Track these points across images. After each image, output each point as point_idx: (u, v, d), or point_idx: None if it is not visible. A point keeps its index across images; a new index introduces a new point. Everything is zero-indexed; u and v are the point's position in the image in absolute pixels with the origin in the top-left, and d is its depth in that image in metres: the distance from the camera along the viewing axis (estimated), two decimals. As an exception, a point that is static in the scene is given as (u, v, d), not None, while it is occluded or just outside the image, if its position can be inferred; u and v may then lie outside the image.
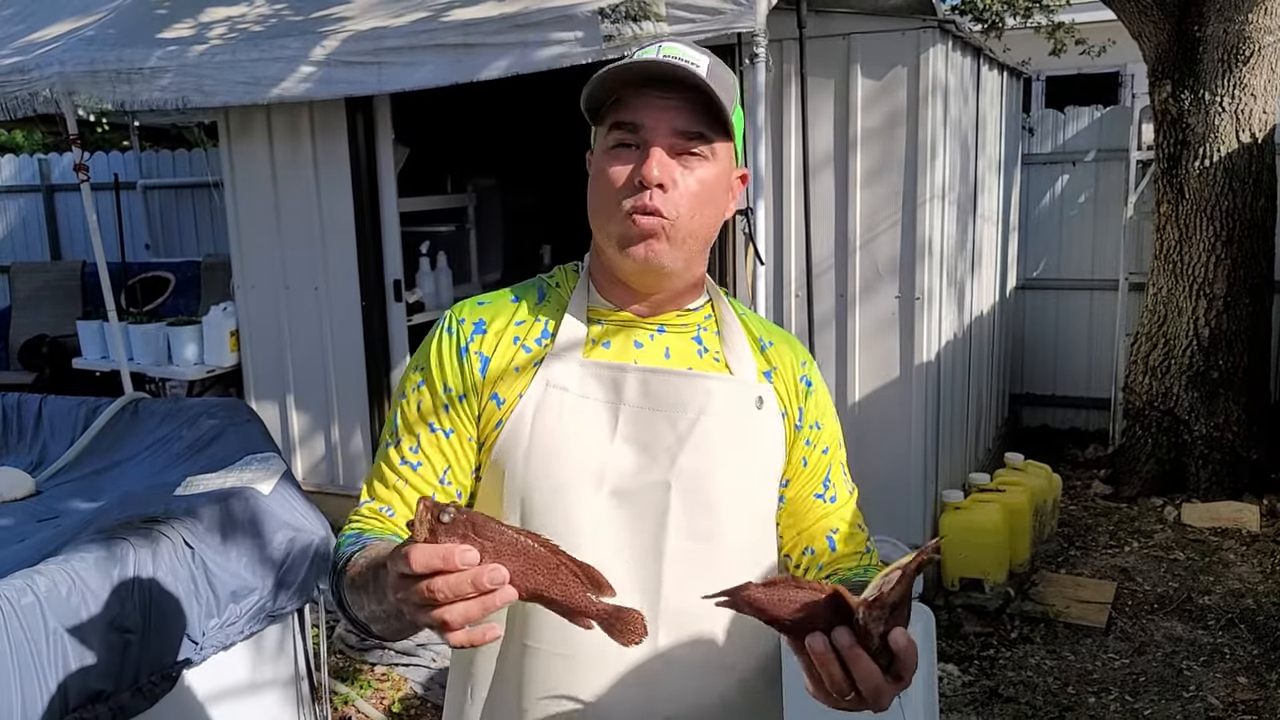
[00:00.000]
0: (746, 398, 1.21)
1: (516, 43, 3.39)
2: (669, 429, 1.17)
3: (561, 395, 1.17)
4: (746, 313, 1.31)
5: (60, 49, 4.09)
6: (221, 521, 2.38)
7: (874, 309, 3.95)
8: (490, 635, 0.85)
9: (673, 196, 1.12)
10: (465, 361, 1.19)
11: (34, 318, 6.65)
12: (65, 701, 1.95)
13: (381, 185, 4.58)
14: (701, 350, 1.23)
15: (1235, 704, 3.31)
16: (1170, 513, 4.94)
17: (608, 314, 1.22)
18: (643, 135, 1.11)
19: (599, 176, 1.15)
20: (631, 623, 0.93)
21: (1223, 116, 4.85)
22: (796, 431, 1.26)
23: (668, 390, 1.18)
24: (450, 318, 1.23)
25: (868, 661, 0.91)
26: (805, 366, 1.30)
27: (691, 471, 1.17)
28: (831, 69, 3.84)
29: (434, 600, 0.81)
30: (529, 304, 1.23)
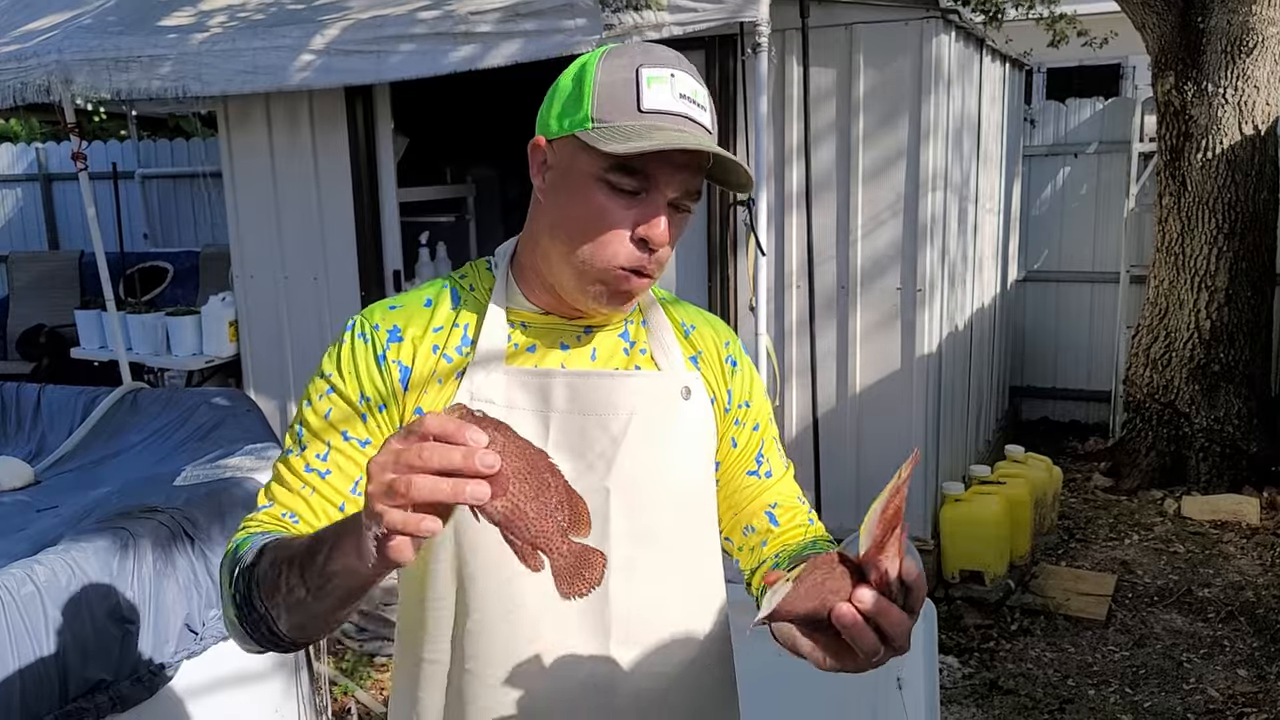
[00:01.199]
0: (673, 390, 1.18)
1: (517, 31, 3.37)
2: (602, 433, 1.13)
3: (487, 408, 1.10)
4: (666, 296, 1.28)
5: (58, 37, 4.07)
6: (221, 511, 2.37)
7: (875, 300, 3.94)
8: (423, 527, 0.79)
9: (662, 254, 1.09)
10: (384, 370, 1.13)
11: (32, 307, 6.64)
12: (65, 691, 1.95)
13: (381, 175, 4.57)
14: (628, 346, 1.20)
15: (1235, 696, 3.31)
16: (1170, 505, 4.93)
17: (531, 316, 1.17)
18: (651, 188, 1.07)
19: (588, 210, 1.07)
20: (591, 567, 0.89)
21: (1225, 108, 4.83)
22: (725, 414, 1.24)
23: (598, 394, 1.14)
24: (361, 323, 1.16)
25: (897, 611, 0.89)
26: (729, 346, 1.28)
27: (629, 474, 1.14)
28: (834, 59, 3.82)
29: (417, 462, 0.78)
30: (443, 308, 1.17)
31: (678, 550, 1.19)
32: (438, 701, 1.17)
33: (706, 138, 1.07)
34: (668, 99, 1.05)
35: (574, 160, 1.08)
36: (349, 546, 0.86)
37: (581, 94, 1.07)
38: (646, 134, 1.03)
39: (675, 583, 1.19)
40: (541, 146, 1.12)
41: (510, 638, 1.13)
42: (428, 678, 1.18)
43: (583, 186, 1.07)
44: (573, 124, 1.07)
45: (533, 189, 1.16)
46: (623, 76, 1.06)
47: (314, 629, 0.99)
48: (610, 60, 1.08)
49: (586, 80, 1.07)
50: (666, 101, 1.05)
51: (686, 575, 1.21)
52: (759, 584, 1.22)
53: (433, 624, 1.16)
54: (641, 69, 1.06)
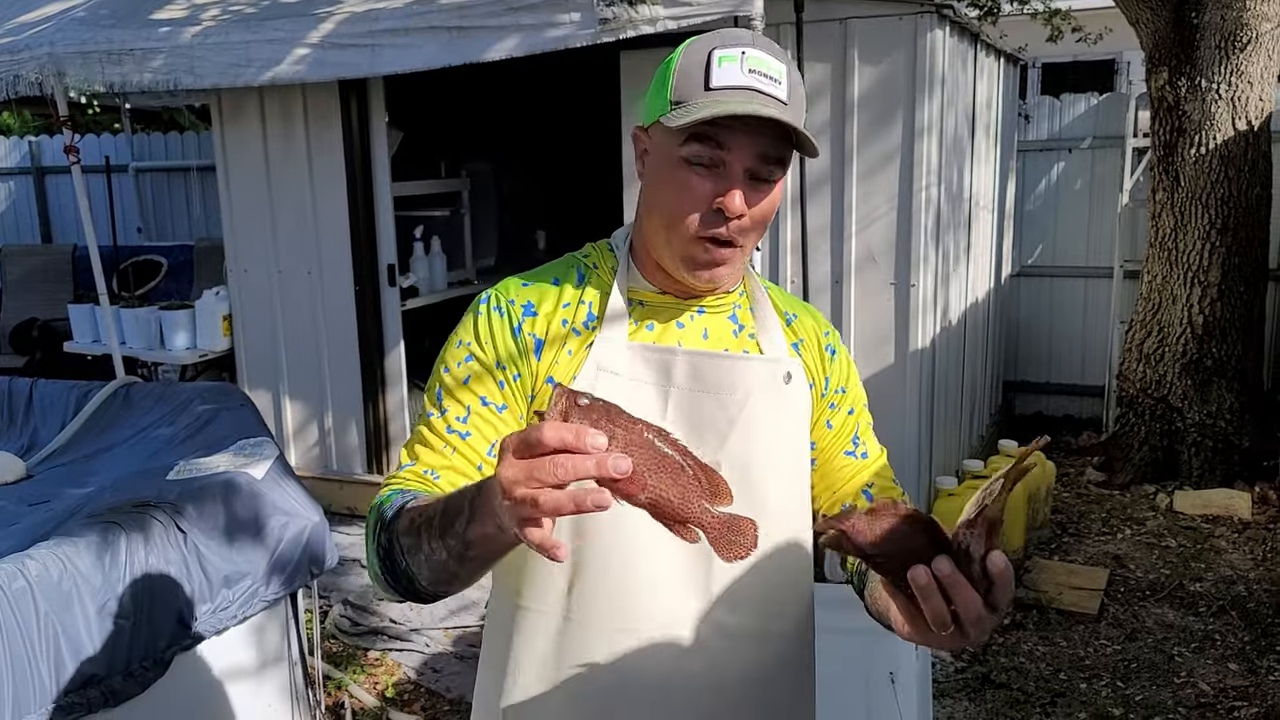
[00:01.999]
0: (778, 375, 1.24)
1: (512, 25, 3.36)
2: (719, 410, 1.20)
3: (613, 379, 1.19)
4: (770, 286, 1.34)
5: (51, 29, 4.06)
6: (214, 506, 2.37)
7: (869, 295, 3.94)
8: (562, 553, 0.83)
9: (744, 223, 1.14)
10: (519, 341, 1.20)
11: (25, 301, 6.62)
12: (57, 686, 1.95)
13: (375, 169, 4.56)
14: (737, 329, 1.26)
15: (1226, 690, 3.33)
16: (1163, 500, 4.95)
17: (649, 295, 1.24)
18: (725, 159, 1.11)
19: (672, 185, 1.14)
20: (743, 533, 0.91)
21: (1219, 104, 4.84)
22: (821, 398, 1.30)
23: (717, 373, 1.20)
24: (497, 297, 1.23)
25: (969, 589, 0.90)
26: (829, 336, 1.34)
27: (739, 451, 1.20)
28: (829, 54, 3.82)
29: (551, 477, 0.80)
30: (570, 285, 1.24)
31: (778, 527, 1.24)
32: (541, 646, 1.22)
33: (773, 105, 1.10)
34: (735, 75, 1.10)
35: (661, 144, 1.16)
36: (488, 521, 0.90)
37: (665, 82, 1.15)
38: (706, 108, 1.08)
39: (772, 556, 1.24)
40: (640, 135, 1.20)
41: (620, 593, 1.19)
42: (528, 624, 1.23)
43: (667, 165, 1.14)
44: (658, 110, 1.14)
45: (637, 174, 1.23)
46: (697, 60, 1.12)
47: (456, 586, 1.04)
48: (691, 46, 1.15)
49: (670, 68, 1.15)
50: (733, 77, 1.10)
51: (783, 550, 1.26)
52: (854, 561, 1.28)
53: (543, 579, 1.21)
54: (714, 51, 1.12)
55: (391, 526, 1.06)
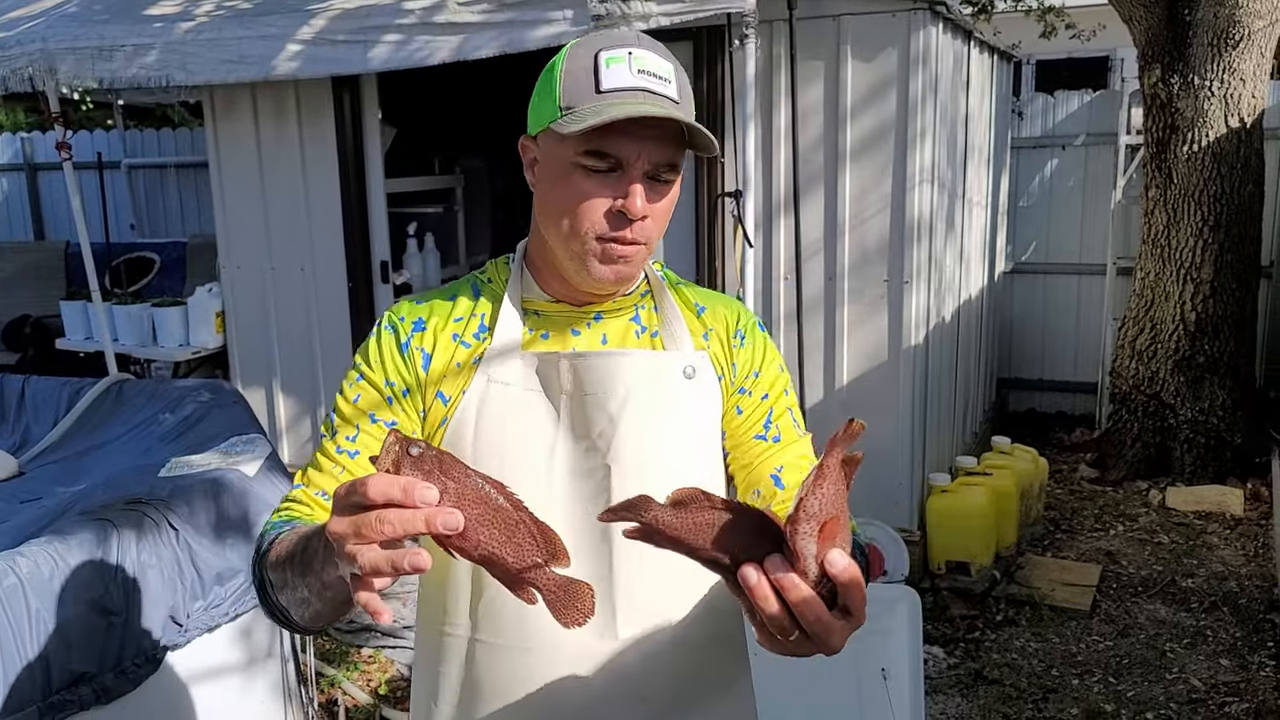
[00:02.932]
0: (675, 370, 1.22)
1: (505, 22, 3.36)
2: (600, 412, 1.18)
3: (504, 390, 1.18)
4: (681, 281, 1.33)
5: (43, 25, 4.04)
6: (206, 503, 2.36)
7: (862, 292, 3.94)
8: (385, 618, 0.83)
9: (647, 224, 1.13)
10: (407, 357, 1.20)
11: (17, 298, 6.60)
12: (48, 683, 1.94)
13: (368, 166, 4.55)
14: (639, 330, 1.25)
15: (1217, 685, 3.34)
16: (1155, 496, 4.96)
17: (544, 305, 1.23)
18: (623, 162, 1.10)
19: (569, 192, 1.12)
20: (580, 598, 0.87)
21: (1212, 101, 4.85)
22: (730, 387, 1.28)
23: (596, 373, 1.18)
24: (389, 317, 1.24)
25: (806, 590, 0.80)
26: (740, 322, 1.30)
27: (629, 452, 1.18)
28: (821, 51, 3.82)
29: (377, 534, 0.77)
30: (465, 300, 1.24)
31: None
32: (456, 671, 1.23)
33: (667, 105, 1.09)
34: (624, 76, 1.09)
35: (552, 150, 1.14)
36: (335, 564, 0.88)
37: (552, 88, 1.12)
38: (600, 111, 1.07)
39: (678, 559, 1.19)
40: (528, 144, 1.19)
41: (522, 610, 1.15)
42: (446, 649, 1.23)
43: (562, 173, 1.13)
44: (547, 118, 1.12)
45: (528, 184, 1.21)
46: (584, 63, 1.10)
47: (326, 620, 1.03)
48: (575, 50, 1.13)
49: (555, 73, 1.13)
50: (623, 79, 1.09)
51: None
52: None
53: (452, 600, 1.21)
54: (600, 53, 1.10)
55: (262, 561, 1.06)
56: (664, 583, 1.20)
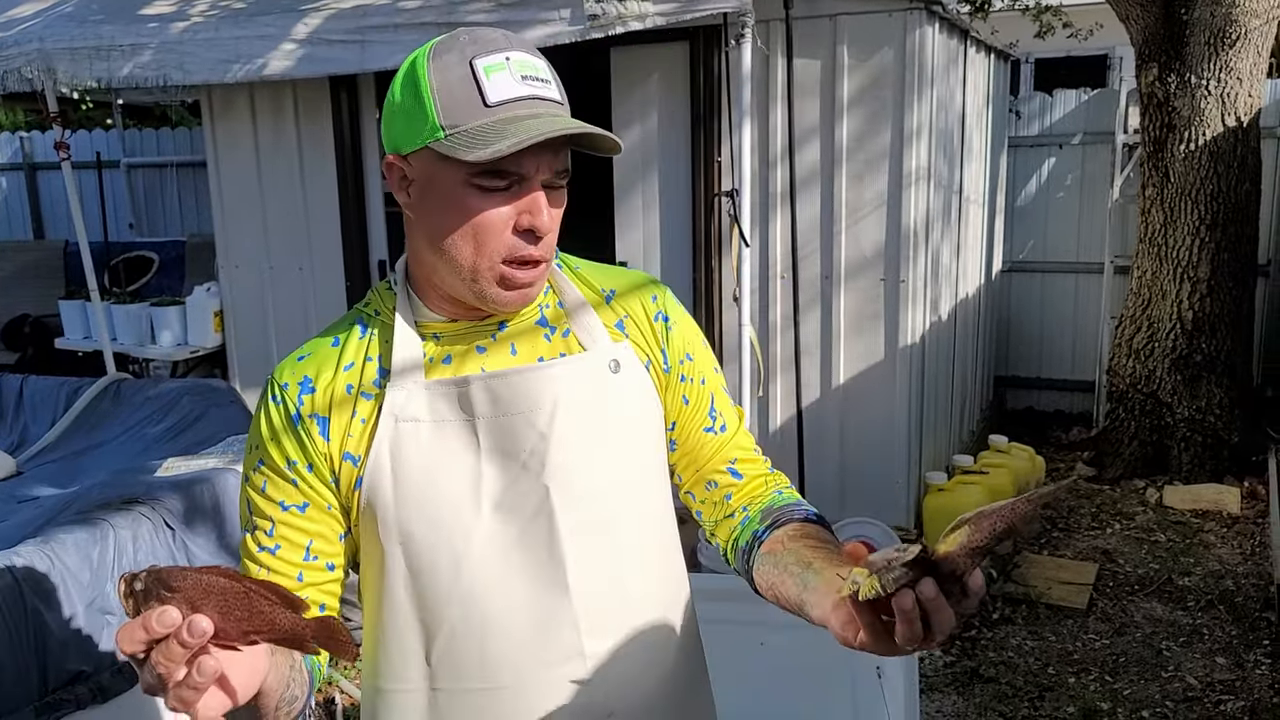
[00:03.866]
0: (599, 368, 1.15)
1: (501, 21, 3.37)
2: (529, 430, 1.10)
3: (415, 427, 1.09)
4: (582, 265, 1.24)
5: (40, 25, 4.05)
6: (202, 503, 2.37)
7: (859, 291, 3.95)
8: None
9: (548, 238, 1.07)
10: (301, 429, 1.10)
11: (16, 297, 6.61)
12: (45, 682, 1.95)
13: (366, 165, 4.56)
14: (549, 332, 1.16)
15: (1213, 684, 3.35)
16: (1152, 495, 4.97)
17: (441, 326, 1.13)
18: (524, 176, 1.03)
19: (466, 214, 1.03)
20: (339, 631, 0.91)
21: (1208, 100, 4.85)
22: (667, 374, 1.21)
23: (517, 391, 1.11)
24: (272, 385, 1.13)
25: (949, 611, 0.88)
26: (657, 301, 1.23)
27: (565, 466, 1.11)
28: (818, 50, 3.83)
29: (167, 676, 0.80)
30: (353, 343, 1.14)
31: (630, 535, 1.17)
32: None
33: (561, 113, 1.04)
34: (511, 85, 1.01)
35: (436, 172, 1.04)
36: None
37: (421, 103, 1.02)
38: (502, 130, 0.99)
39: (632, 563, 1.18)
40: (396, 164, 1.08)
41: (481, 650, 1.12)
42: (402, 707, 1.16)
43: (452, 195, 1.04)
44: (423, 136, 1.02)
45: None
46: (458, 74, 1.01)
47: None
48: (438, 60, 1.03)
49: (421, 87, 1.02)
50: (511, 88, 1.01)
51: (643, 552, 1.20)
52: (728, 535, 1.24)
53: (397, 653, 1.15)
54: (475, 61, 1.02)
55: None
56: (621, 591, 1.16)
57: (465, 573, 1.10)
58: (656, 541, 1.22)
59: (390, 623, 1.14)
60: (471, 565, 1.10)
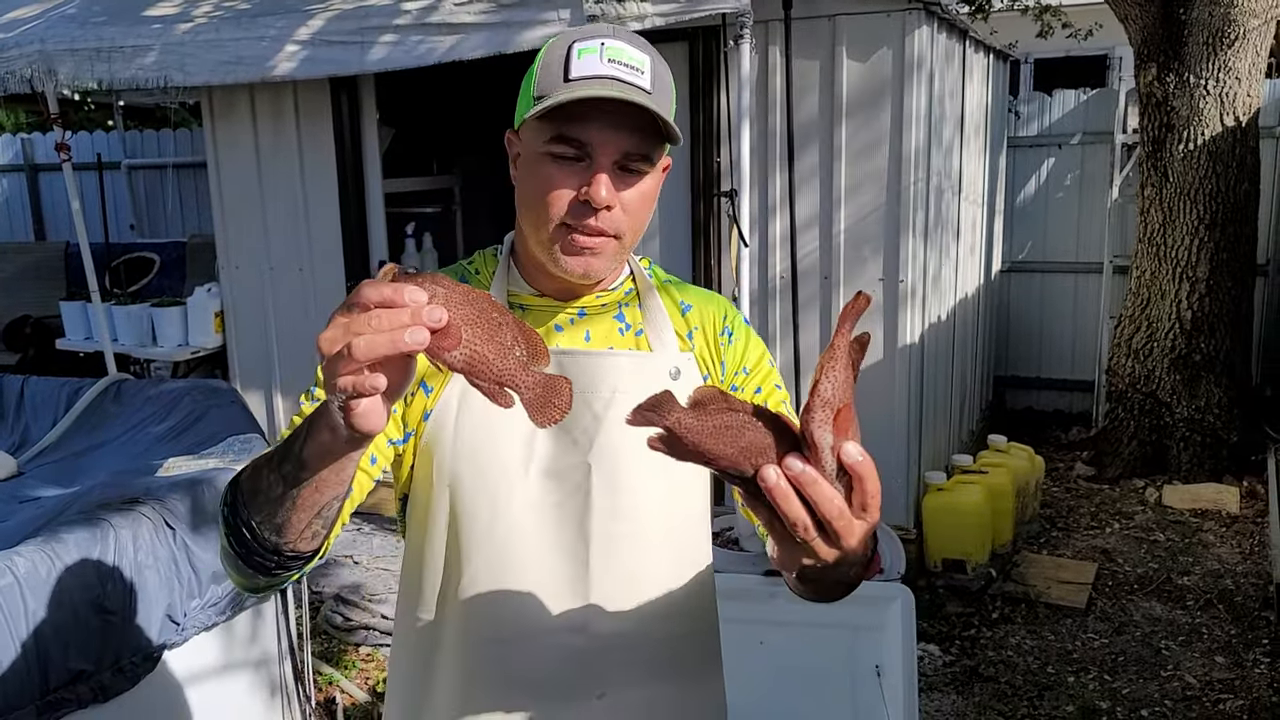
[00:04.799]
0: (660, 371, 1.22)
1: (501, 23, 3.37)
2: (586, 410, 1.18)
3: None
4: (669, 279, 1.33)
5: (41, 26, 4.06)
6: (203, 503, 2.38)
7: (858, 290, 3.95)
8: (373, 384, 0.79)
9: (615, 214, 1.13)
10: None
11: (17, 298, 6.62)
12: (46, 682, 1.96)
13: (366, 166, 4.57)
14: (624, 328, 1.24)
15: (1212, 683, 3.35)
16: (1151, 494, 4.97)
17: (529, 299, 1.23)
18: (589, 151, 1.10)
19: (538, 181, 1.13)
20: (558, 394, 0.88)
21: (1207, 100, 4.86)
22: (720, 384, 1.28)
23: (582, 371, 1.18)
24: None
25: (825, 485, 0.81)
26: (727, 319, 1.31)
27: (610, 451, 1.18)
28: (817, 50, 3.83)
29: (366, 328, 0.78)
30: None
31: (659, 528, 1.22)
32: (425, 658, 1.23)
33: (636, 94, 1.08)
34: (593, 65, 1.09)
35: (528, 142, 1.15)
36: (322, 428, 0.88)
37: (530, 82, 1.14)
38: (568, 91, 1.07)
39: (654, 559, 1.23)
40: (512, 139, 1.19)
41: (494, 602, 1.18)
42: (421, 636, 1.23)
43: (534, 163, 1.14)
44: (524, 109, 1.13)
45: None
46: (558, 54, 1.11)
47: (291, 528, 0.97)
48: (553, 44, 1.14)
49: (534, 67, 1.14)
50: (591, 67, 1.09)
51: (668, 551, 1.24)
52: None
53: (428, 586, 1.22)
54: (574, 44, 1.11)
55: (236, 478, 1.03)
56: (636, 583, 1.21)
57: (500, 526, 1.16)
58: (683, 546, 1.26)
59: (427, 556, 1.21)
60: (507, 521, 1.17)
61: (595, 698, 1.20)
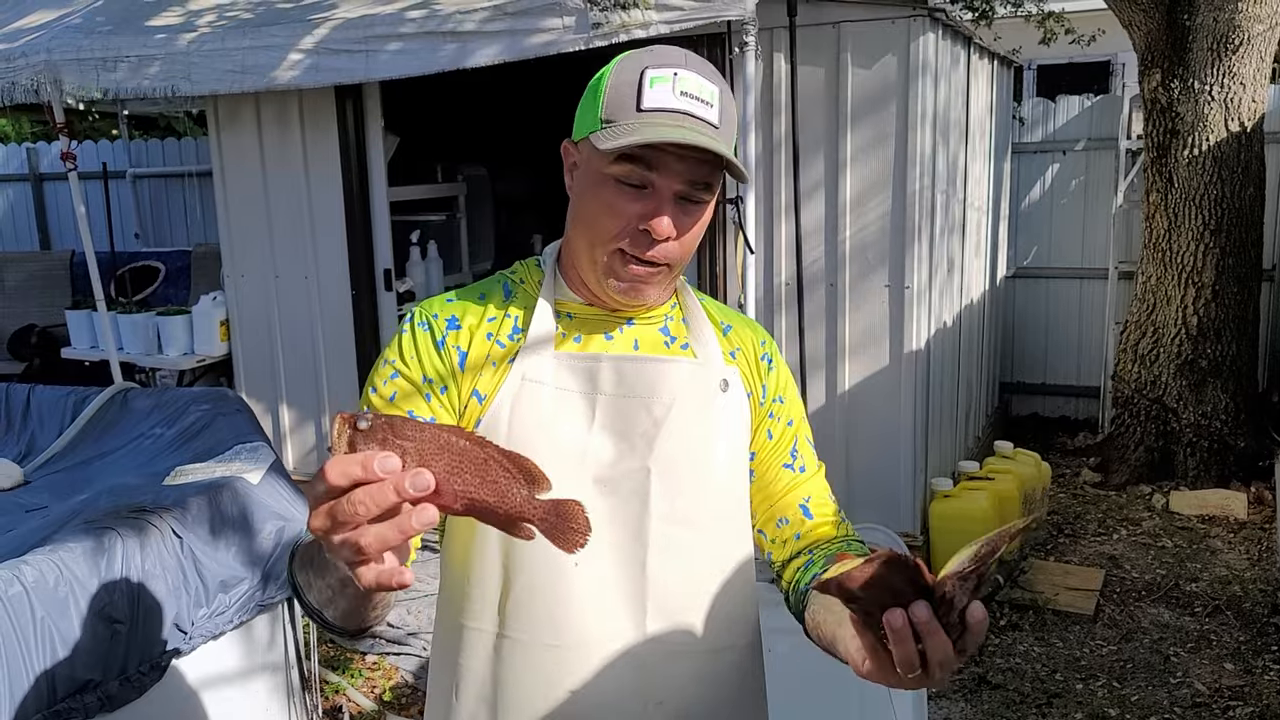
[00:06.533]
0: (713, 381, 1.24)
1: (505, 30, 3.38)
2: (645, 415, 1.19)
3: (538, 388, 1.17)
4: (705, 299, 1.34)
5: (47, 36, 4.07)
6: (210, 511, 2.37)
7: (864, 298, 3.95)
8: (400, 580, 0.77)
9: (670, 246, 1.14)
10: (444, 353, 1.19)
11: (23, 307, 6.62)
12: (53, 691, 1.96)
13: (371, 174, 4.57)
14: (669, 340, 1.25)
15: (1221, 690, 3.34)
16: (1158, 500, 4.96)
17: (576, 308, 1.23)
18: (654, 181, 1.11)
19: (599, 203, 1.13)
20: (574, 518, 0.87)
21: (1212, 105, 4.85)
22: (760, 407, 1.29)
23: (643, 377, 1.20)
24: (421, 313, 1.22)
25: (944, 637, 0.90)
26: (765, 345, 1.33)
27: (669, 456, 1.19)
28: (822, 57, 3.83)
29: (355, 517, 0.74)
30: (496, 301, 1.24)
31: (713, 534, 1.24)
32: (480, 666, 1.21)
33: (706, 131, 1.09)
34: (667, 97, 1.09)
35: (589, 160, 1.15)
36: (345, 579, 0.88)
37: (596, 98, 1.14)
38: (638, 131, 1.07)
39: (709, 565, 1.24)
40: (569, 149, 1.19)
41: (552, 607, 1.18)
42: (470, 644, 1.22)
43: (595, 183, 1.14)
44: (588, 126, 1.14)
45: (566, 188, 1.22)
46: (629, 78, 1.11)
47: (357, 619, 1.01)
48: (623, 63, 1.14)
49: (601, 85, 1.14)
50: (665, 100, 1.09)
51: (721, 559, 1.25)
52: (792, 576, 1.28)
53: (478, 594, 1.20)
54: (647, 70, 1.11)
55: (291, 566, 1.06)
56: (693, 587, 1.22)
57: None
58: (733, 550, 1.27)
59: (477, 565, 1.20)
60: None
61: (654, 704, 1.20)
